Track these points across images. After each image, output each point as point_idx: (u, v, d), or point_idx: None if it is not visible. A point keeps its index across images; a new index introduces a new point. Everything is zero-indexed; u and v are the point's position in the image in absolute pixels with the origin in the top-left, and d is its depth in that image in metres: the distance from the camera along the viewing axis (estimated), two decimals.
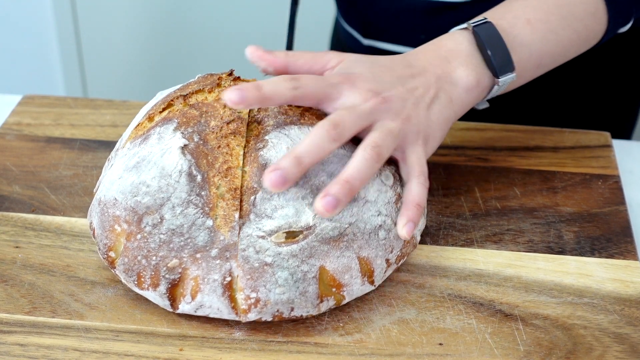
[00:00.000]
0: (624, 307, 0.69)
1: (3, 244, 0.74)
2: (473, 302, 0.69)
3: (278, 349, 0.65)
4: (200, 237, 0.65)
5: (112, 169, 0.70)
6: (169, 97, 0.72)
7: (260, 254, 0.64)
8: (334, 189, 0.64)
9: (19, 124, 0.89)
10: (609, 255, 0.74)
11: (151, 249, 0.65)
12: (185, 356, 0.64)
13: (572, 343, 0.66)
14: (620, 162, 0.87)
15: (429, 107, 0.72)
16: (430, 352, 0.65)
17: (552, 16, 0.78)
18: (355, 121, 0.67)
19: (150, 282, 0.65)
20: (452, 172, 0.83)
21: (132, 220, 0.66)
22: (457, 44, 0.75)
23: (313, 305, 0.65)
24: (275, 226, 0.65)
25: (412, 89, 0.71)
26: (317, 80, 0.69)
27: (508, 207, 0.79)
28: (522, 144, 0.87)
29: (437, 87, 0.73)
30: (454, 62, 0.74)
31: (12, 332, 0.66)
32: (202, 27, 1.97)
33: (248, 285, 0.64)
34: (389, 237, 0.68)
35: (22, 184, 0.80)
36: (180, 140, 0.67)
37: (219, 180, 0.66)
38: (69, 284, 0.70)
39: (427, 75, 0.73)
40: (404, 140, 0.70)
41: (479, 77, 0.74)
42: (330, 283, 0.66)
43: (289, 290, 0.64)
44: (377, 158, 0.66)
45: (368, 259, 0.67)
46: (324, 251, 0.65)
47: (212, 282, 0.64)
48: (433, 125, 0.72)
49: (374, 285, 0.68)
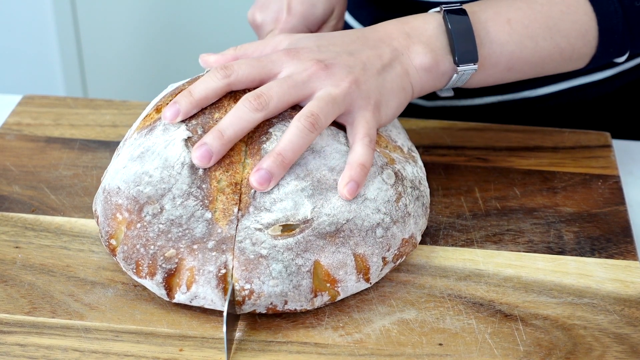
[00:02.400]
0: (624, 307, 0.69)
1: (3, 244, 0.74)
2: (473, 302, 0.69)
3: (278, 349, 0.65)
4: (198, 228, 0.65)
5: (118, 158, 0.71)
6: (177, 89, 0.73)
7: (256, 245, 0.65)
8: (267, 163, 0.65)
9: (19, 124, 0.89)
10: (608, 255, 0.74)
11: (150, 238, 0.66)
12: (185, 356, 0.64)
13: (572, 343, 0.66)
14: (620, 162, 0.87)
15: (380, 73, 0.71)
16: (430, 353, 0.65)
17: (535, 23, 0.76)
18: (285, 91, 0.67)
19: (148, 270, 0.66)
20: (452, 172, 0.83)
21: (133, 209, 0.67)
22: (424, 23, 0.74)
23: (307, 300, 0.66)
24: (272, 219, 0.66)
25: (361, 56, 0.70)
26: (252, 62, 0.70)
27: (508, 207, 0.79)
28: (522, 144, 0.87)
29: (391, 57, 0.72)
30: (415, 39, 0.73)
31: (12, 332, 0.66)
32: (203, 27, 1.97)
33: (243, 277, 0.65)
34: (387, 235, 0.68)
35: (22, 184, 0.80)
36: (184, 132, 0.68)
37: (220, 174, 0.67)
38: (68, 284, 0.70)
39: (382, 46, 0.72)
40: (352, 104, 0.69)
41: (437, 59, 0.73)
42: (325, 278, 0.66)
43: (282, 283, 0.65)
44: (312, 128, 0.66)
45: (364, 256, 0.67)
46: (320, 246, 0.66)
47: (206, 273, 0.65)
48: (385, 92, 0.71)
49: (369, 282, 0.68)
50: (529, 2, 0.77)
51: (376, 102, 0.70)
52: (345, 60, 0.70)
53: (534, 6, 0.77)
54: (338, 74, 0.69)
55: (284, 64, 0.69)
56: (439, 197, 0.80)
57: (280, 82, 0.68)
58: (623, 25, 0.78)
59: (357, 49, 0.71)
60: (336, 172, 0.68)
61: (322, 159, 0.68)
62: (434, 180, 0.81)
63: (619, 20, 0.78)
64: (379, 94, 0.70)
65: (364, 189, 0.68)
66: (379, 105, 0.70)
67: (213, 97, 0.69)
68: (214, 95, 0.69)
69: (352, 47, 0.71)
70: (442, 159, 0.85)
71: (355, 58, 0.70)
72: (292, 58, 0.70)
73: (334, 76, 0.69)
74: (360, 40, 0.72)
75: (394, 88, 0.71)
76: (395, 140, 0.75)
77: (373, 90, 0.70)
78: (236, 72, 0.69)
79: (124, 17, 1.97)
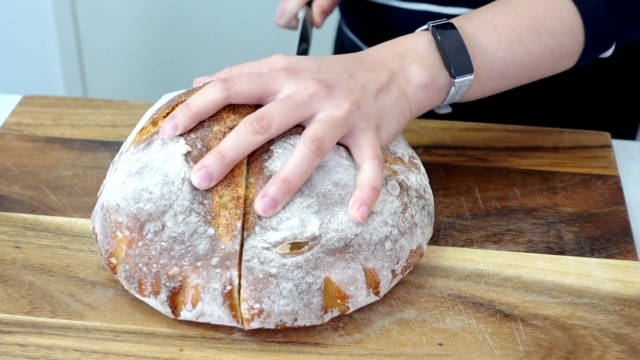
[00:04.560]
0: (624, 307, 0.69)
1: (3, 244, 0.74)
2: (473, 302, 0.69)
3: (278, 349, 0.65)
4: (201, 245, 0.64)
5: (115, 173, 0.70)
6: (172, 101, 0.72)
7: (264, 264, 0.64)
8: (272, 190, 0.65)
9: (19, 124, 0.89)
10: (608, 255, 0.74)
11: (152, 257, 0.65)
12: (185, 356, 0.64)
13: (572, 343, 0.66)
14: (620, 162, 0.87)
15: (378, 96, 0.70)
16: (430, 353, 0.65)
17: (521, 26, 0.76)
18: (287, 113, 0.67)
19: (152, 289, 0.65)
20: (452, 172, 0.83)
21: (134, 227, 0.65)
22: (414, 42, 0.74)
23: (317, 317, 0.65)
24: (280, 237, 0.64)
25: (360, 79, 0.70)
26: (252, 77, 0.69)
27: (508, 207, 0.79)
28: (522, 144, 0.87)
29: (389, 80, 0.71)
30: (409, 59, 0.73)
31: (12, 332, 0.66)
32: (203, 27, 1.97)
33: (252, 296, 0.63)
34: (395, 248, 0.67)
35: (22, 184, 0.80)
36: (183, 146, 0.67)
37: (222, 189, 0.66)
38: (68, 284, 0.70)
39: (379, 69, 0.72)
40: (353, 126, 0.69)
41: (434, 76, 0.73)
42: (336, 295, 0.65)
43: (293, 302, 0.64)
44: (317, 152, 0.66)
45: (374, 270, 0.66)
46: (330, 262, 0.65)
47: (212, 290, 0.64)
48: (385, 116, 0.71)
49: (378, 296, 0.67)
50: (512, 6, 0.77)
51: (376, 124, 0.70)
52: (345, 81, 0.70)
53: (518, 10, 0.77)
54: (339, 95, 0.68)
55: (284, 83, 0.69)
56: (439, 197, 0.80)
57: (281, 104, 0.67)
58: (607, 15, 0.79)
59: (355, 71, 0.71)
60: (340, 186, 0.67)
61: (325, 174, 0.67)
62: (434, 180, 0.81)
63: (602, 12, 0.78)
64: (379, 117, 0.70)
65: None
66: (379, 128, 0.70)
67: (212, 110, 0.68)
68: (212, 109, 0.68)
69: (351, 69, 0.71)
70: (442, 159, 0.85)
71: (355, 80, 0.70)
72: (292, 77, 0.69)
73: (335, 97, 0.68)
74: (358, 63, 0.72)
75: (393, 112, 0.71)
76: (395, 151, 0.74)
77: (373, 113, 0.70)
78: (236, 85, 0.68)
79: (124, 17, 1.97)
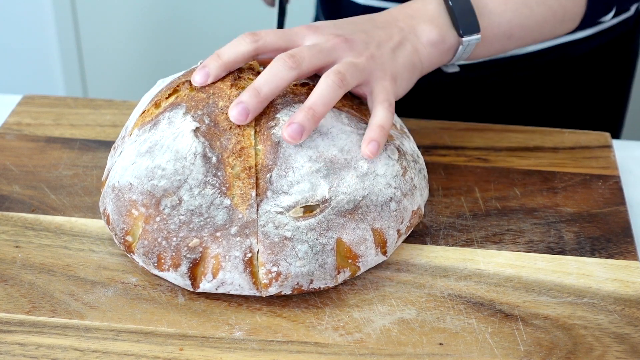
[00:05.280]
0: (624, 307, 0.69)
1: (3, 244, 0.74)
2: (473, 302, 0.69)
3: (278, 349, 0.65)
4: (219, 216, 0.66)
5: (122, 155, 0.72)
6: (173, 83, 0.74)
7: (279, 229, 0.66)
8: (299, 117, 0.67)
9: (19, 124, 0.89)
10: (609, 255, 0.74)
11: (171, 230, 0.66)
12: (185, 356, 0.64)
13: (572, 343, 0.66)
14: (620, 162, 0.87)
15: (393, 51, 0.74)
16: (431, 352, 0.65)
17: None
18: (314, 55, 0.70)
19: (171, 262, 0.66)
20: (452, 172, 0.83)
21: (150, 203, 0.67)
22: (424, 4, 0.78)
23: (331, 277, 0.67)
24: (292, 201, 0.67)
25: (375, 37, 0.74)
26: (278, 32, 0.72)
27: (508, 207, 0.79)
28: (522, 144, 0.87)
29: (401, 37, 0.75)
30: (419, 19, 0.76)
31: (12, 332, 0.66)
32: (202, 27, 1.97)
33: (269, 260, 0.66)
34: (400, 209, 0.70)
35: (22, 184, 0.80)
36: (191, 123, 0.69)
37: (233, 160, 0.68)
38: (68, 283, 0.70)
39: (391, 27, 0.75)
40: (370, 75, 0.72)
41: (443, 34, 0.76)
42: (347, 254, 0.68)
43: (309, 263, 0.66)
44: (341, 84, 0.68)
45: (381, 230, 0.69)
46: (341, 224, 0.67)
47: (233, 259, 0.66)
48: (399, 67, 0.74)
49: (386, 255, 0.70)
50: None
51: (392, 75, 0.73)
52: (362, 37, 0.73)
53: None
54: (357, 48, 0.72)
55: (306, 36, 0.72)
56: (439, 197, 0.80)
57: (308, 47, 0.70)
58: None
59: (369, 29, 0.74)
60: (345, 151, 0.69)
61: (330, 140, 0.69)
62: (434, 180, 0.81)
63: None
64: (394, 68, 0.73)
65: (373, 165, 0.69)
66: (395, 78, 0.73)
67: (241, 61, 0.71)
68: (242, 59, 0.71)
69: (365, 28, 0.74)
70: (442, 159, 0.85)
71: (370, 37, 0.73)
72: (313, 32, 0.72)
73: (354, 49, 0.72)
74: (371, 22, 0.75)
75: (406, 64, 0.74)
76: None
77: (388, 64, 0.73)
78: (264, 38, 0.71)
79: (124, 17, 1.97)
